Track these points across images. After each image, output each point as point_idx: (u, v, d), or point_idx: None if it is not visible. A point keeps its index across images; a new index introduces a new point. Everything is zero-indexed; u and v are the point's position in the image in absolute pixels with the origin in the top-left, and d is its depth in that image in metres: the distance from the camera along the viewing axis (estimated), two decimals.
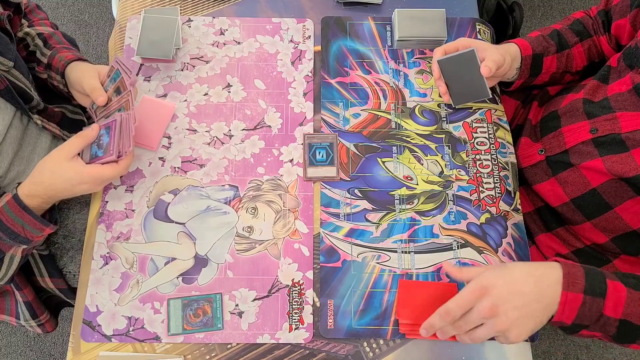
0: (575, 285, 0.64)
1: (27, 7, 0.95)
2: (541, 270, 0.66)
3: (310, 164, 0.87)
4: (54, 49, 0.88)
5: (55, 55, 0.87)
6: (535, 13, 1.91)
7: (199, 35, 0.98)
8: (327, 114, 0.92)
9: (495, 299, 0.64)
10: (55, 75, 0.87)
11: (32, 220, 0.73)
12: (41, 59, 0.88)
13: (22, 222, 0.72)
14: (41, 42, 0.89)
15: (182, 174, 0.87)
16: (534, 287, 0.65)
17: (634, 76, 0.77)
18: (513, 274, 0.66)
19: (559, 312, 0.64)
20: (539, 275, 0.65)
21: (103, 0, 1.89)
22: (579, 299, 0.64)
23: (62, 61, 0.86)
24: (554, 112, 0.89)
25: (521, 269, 0.66)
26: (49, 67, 0.87)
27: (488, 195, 0.86)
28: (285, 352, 0.77)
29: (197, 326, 0.77)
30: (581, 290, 0.64)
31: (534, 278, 0.65)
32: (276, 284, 0.80)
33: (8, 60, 0.78)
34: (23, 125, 0.83)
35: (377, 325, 0.78)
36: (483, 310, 0.64)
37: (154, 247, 0.82)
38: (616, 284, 0.65)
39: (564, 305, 0.64)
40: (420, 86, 0.94)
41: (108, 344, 0.77)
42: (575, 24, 0.92)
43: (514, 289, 0.64)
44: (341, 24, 0.99)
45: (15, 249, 0.75)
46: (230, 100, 0.93)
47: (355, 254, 0.82)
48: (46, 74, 0.88)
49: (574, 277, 0.64)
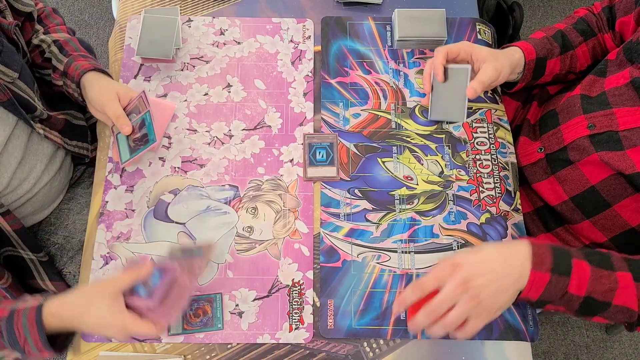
0: (543, 264, 0.67)
1: (43, 12, 0.94)
2: (511, 249, 0.69)
3: (310, 164, 0.87)
4: (70, 56, 0.87)
5: (71, 64, 0.86)
6: (535, 13, 1.91)
7: (199, 35, 0.98)
8: (327, 114, 0.92)
9: (466, 273, 0.66)
10: (71, 84, 0.86)
11: (37, 338, 0.67)
12: (57, 66, 0.87)
13: (27, 334, 0.67)
14: (57, 49, 0.88)
15: (182, 174, 0.87)
16: (503, 263, 0.67)
17: (632, 71, 0.77)
18: (483, 252, 0.68)
19: (527, 289, 0.67)
20: (509, 254, 0.68)
21: (103, 0, 1.89)
22: (545, 278, 0.66)
23: (77, 70, 0.85)
24: (552, 110, 0.89)
25: (491, 248, 0.69)
26: (65, 75, 0.86)
27: (488, 195, 0.86)
28: (285, 352, 0.77)
29: (197, 326, 0.77)
30: (548, 270, 0.66)
31: (503, 256, 0.67)
32: (276, 284, 0.80)
33: (13, 72, 0.77)
34: (25, 134, 0.82)
35: (377, 325, 0.78)
36: (455, 284, 0.65)
37: (154, 247, 0.82)
38: (581, 263, 0.67)
39: (532, 283, 0.66)
40: (420, 86, 0.94)
41: (108, 344, 0.77)
42: (580, 22, 0.92)
43: (484, 267, 0.67)
44: (341, 24, 0.99)
45: (9, 352, 0.70)
46: (230, 100, 0.93)
47: (355, 254, 0.82)
48: (62, 81, 0.87)
49: (542, 257, 0.67)
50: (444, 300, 0.66)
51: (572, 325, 1.50)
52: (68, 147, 0.90)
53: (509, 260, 0.67)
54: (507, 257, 0.67)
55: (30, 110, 0.81)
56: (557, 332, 1.49)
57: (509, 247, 0.69)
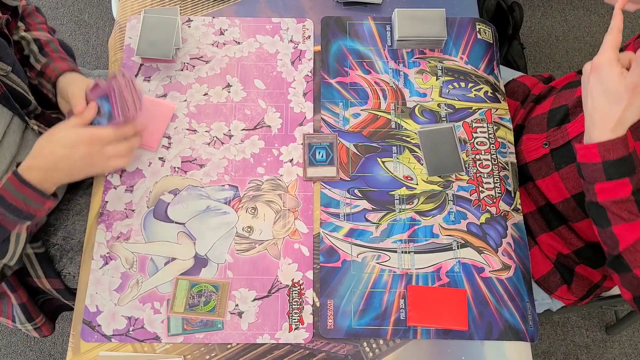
0: (608, 152, 0.69)
1: (26, 10, 0.94)
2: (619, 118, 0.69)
3: (310, 164, 0.87)
4: (49, 57, 0.87)
5: (49, 64, 0.86)
6: (535, 13, 1.91)
7: (199, 35, 0.98)
8: (327, 114, 0.92)
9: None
10: (46, 84, 0.86)
11: (33, 193, 0.72)
12: (34, 65, 0.87)
13: (24, 197, 0.71)
14: (37, 48, 0.88)
15: (182, 174, 0.87)
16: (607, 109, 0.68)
17: None
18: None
19: (581, 147, 0.71)
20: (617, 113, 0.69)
21: (103, 0, 1.89)
22: (597, 159, 0.70)
23: (55, 71, 0.85)
24: (564, 106, 0.88)
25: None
26: (41, 75, 0.86)
27: (488, 195, 0.86)
28: (285, 352, 0.77)
29: (197, 326, 0.77)
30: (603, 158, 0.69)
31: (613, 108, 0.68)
32: (276, 284, 0.80)
33: (6, 65, 0.78)
34: (20, 130, 0.83)
35: (377, 325, 0.78)
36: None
37: (154, 247, 0.82)
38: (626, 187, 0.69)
39: (587, 148, 0.70)
40: (420, 86, 0.94)
41: (108, 344, 0.77)
42: None
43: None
44: (341, 24, 0.99)
45: (20, 227, 0.75)
46: (230, 100, 0.93)
47: (355, 254, 0.82)
48: (37, 81, 0.87)
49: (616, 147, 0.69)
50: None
51: (572, 325, 1.50)
52: None
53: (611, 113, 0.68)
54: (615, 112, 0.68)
55: (24, 105, 0.81)
56: (557, 332, 1.49)
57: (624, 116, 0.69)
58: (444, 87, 0.94)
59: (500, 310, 0.79)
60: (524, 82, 1.06)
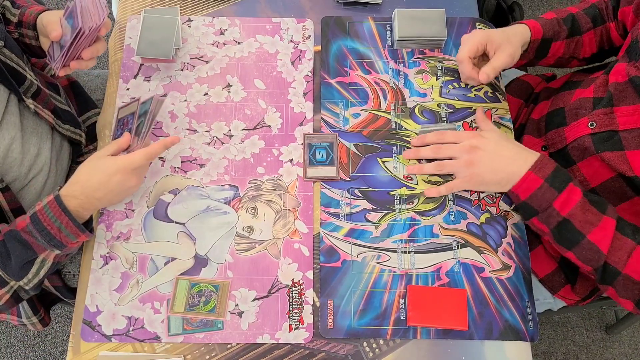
0: (542, 171, 0.75)
1: None
2: (525, 151, 0.79)
3: (310, 164, 0.87)
4: (23, 6, 0.88)
5: (24, 12, 0.86)
6: (535, 13, 1.91)
7: (199, 35, 0.98)
8: (327, 114, 0.92)
9: (479, 144, 0.79)
10: (27, 31, 0.86)
11: (69, 223, 0.72)
12: (11, 18, 0.87)
13: (59, 224, 0.71)
14: (9, 3, 0.88)
15: (182, 174, 0.87)
16: (513, 155, 0.78)
17: (629, 68, 0.77)
18: (503, 142, 0.80)
19: (518, 184, 0.76)
20: (521, 151, 0.78)
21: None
22: (538, 182, 0.75)
23: (32, 15, 0.86)
24: (561, 108, 0.88)
25: (513, 143, 0.81)
26: (20, 25, 0.87)
27: (488, 195, 0.86)
28: (285, 352, 0.77)
29: (197, 326, 0.77)
30: (543, 177, 0.74)
31: (515, 151, 0.78)
32: (276, 284, 0.80)
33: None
34: (19, 111, 0.82)
35: (377, 325, 0.78)
36: (465, 146, 0.80)
37: (154, 247, 0.82)
38: (576, 190, 0.74)
39: (524, 181, 0.76)
40: (420, 86, 0.94)
41: (108, 344, 0.77)
42: (592, 8, 0.92)
43: (497, 147, 0.79)
44: (341, 24, 0.99)
45: (48, 254, 0.74)
46: (230, 100, 0.93)
47: (355, 254, 0.82)
48: (17, 33, 0.87)
49: (544, 165, 0.75)
50: (450, 148, 0.81)
51: (572, 326, 1.50)
52: (60, 130, 0.91)
53: (517, 155, 0.77)
54: (518, 152, 0.78)
55: (20, 82, 0.81)
56: (557, 332, 1.49)
57: (525, 149, 0.79)
58: (444, 87, 0.94)
59: (500, 310, 0.79)
60: (527, 81, 1.06)
